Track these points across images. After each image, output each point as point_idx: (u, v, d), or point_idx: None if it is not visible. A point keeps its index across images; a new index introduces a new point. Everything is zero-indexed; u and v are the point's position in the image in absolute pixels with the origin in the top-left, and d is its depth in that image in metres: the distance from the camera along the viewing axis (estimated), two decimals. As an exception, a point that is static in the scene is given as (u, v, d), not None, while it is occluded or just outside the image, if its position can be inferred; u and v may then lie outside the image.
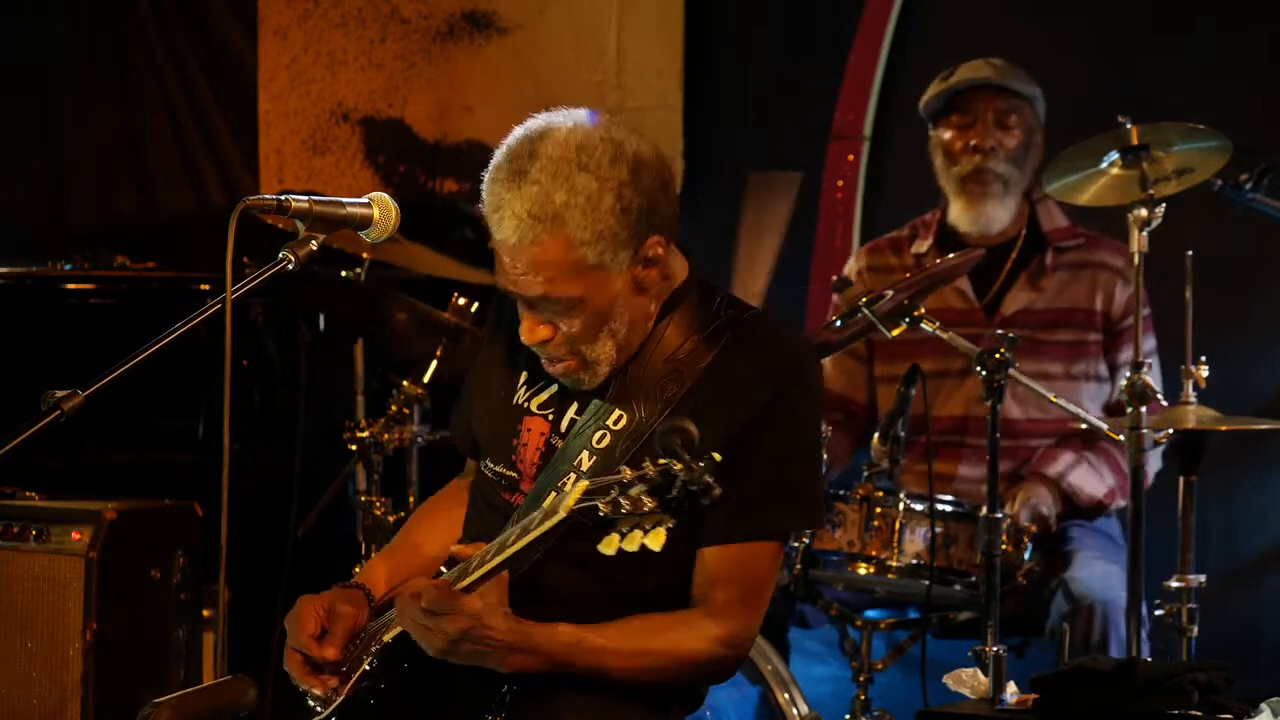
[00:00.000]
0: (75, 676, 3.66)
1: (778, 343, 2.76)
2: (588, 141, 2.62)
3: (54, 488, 3.88)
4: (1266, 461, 4.90)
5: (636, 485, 2.37)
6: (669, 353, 2.72)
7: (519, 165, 2.62)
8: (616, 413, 2.71)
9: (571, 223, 2.59)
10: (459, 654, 2.58)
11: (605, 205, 2.60)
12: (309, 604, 2.76)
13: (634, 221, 2.63)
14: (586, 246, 2.61)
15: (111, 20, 6.51)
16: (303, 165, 6.24)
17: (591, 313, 2.67)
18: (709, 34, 5.78)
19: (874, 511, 3.86)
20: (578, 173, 2.59)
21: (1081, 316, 4.37)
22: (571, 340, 2.69)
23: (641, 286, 2.70)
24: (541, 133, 2.64)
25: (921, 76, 4.59)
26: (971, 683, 3.41)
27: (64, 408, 2.38)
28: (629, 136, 2.66)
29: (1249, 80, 4.95)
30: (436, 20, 6.11)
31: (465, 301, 4.42)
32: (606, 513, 2.40)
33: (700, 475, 2.32)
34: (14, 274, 4.86)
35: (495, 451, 2.85)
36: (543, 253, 2.61)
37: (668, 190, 2.70)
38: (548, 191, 2.59)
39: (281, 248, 2.52)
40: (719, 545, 2.69)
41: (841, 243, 5.45)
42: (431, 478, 4.50)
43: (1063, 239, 4.43)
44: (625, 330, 2.71)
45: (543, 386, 2.82)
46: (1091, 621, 3.93)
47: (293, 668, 2.73)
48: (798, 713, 3.90)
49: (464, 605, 2.55)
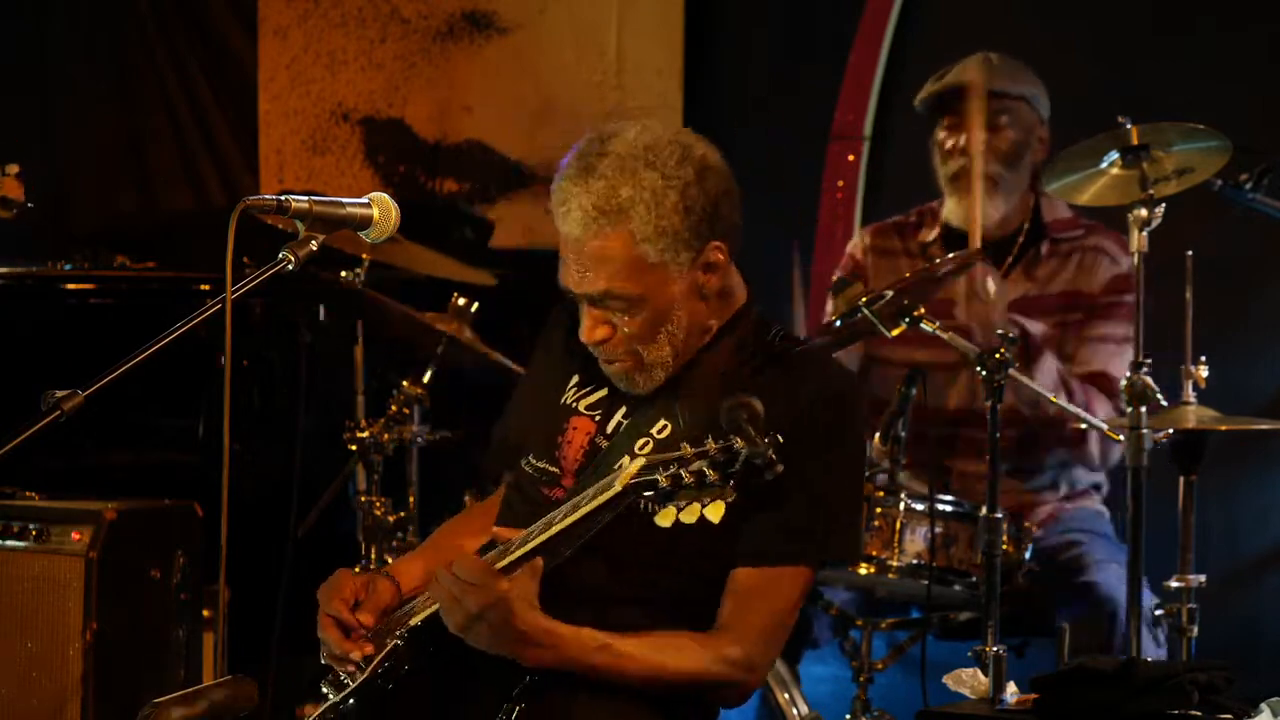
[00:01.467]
0: (75, 676, 3.66)
1: (827, 377, 2.80)
2: (656, 142, 2.68)
3: (54, 488, 3.88)
4: (1266, 461, 4.90)
5: (697, 461, 2.39)
6: (723, 371, 2.75)
7: (588, 162, 2.68)
8: (662, 421, 2.73)
9: (636, 218, 2.65)
10: (475, 633, 2.58)
11: (669, 203, 2.66)
12: (346, 575, 2.79)
13: (697, 222, 2.68)
14: (648, 243, 2.66)
15: (111, 20, 6.51)
16: (303, 165, 6.24)
17: (651, 311, 2.70)
18: (709, 34, 5.78)
19: (874, 511, 3.86)
20: (644, 170, 2.65)
21: (1066, 299, 4.35)
22: (629, 340, 2.73)
23: (701, 292, 2.75)
24: (613, 133, 2.71)
25: (921, 77, 4.59)
26: (971, 683, 3.41)
27: (64, 408, 2.38)
28: (698, 141, 2.73)
29: (1249, 80, 4.95)
30: (436, 20, 6.11)
31: (465, 301, 4.42)
32: (666, 486, 2.41)
33: (765, 450, 2.35)
34: (14, 274, 4.86)
35: (538, 447, 2.86)
36: (606, 247, 2.66)
37: (732, 198, 2.75)
38: (614, 186, 2.65)
39: (281, 248, 2.52)
40: (751, 567, 2.70)
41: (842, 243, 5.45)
42: (431, 478, 4.50)
43: (1062, 230, 4.43)
44: (683, 335, 2.75)
45: (593, 389, 2.85)
46: (1114, 624, 3.92)
47: (328, 633, 2.74)
48: (798, 713, 3.90)
49: (493, 582, 2.55)
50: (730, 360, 2.76)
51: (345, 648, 2.72)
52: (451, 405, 4.56)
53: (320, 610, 2.77)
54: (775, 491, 2.60)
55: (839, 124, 5.51)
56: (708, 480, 2.40)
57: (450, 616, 2.59)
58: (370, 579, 2.81)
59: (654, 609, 2.70)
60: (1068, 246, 4.41)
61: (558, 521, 2.57)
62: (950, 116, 4.41)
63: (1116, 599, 3.95)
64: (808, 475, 2.67)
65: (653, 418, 2.73)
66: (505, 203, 6.01)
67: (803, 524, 2.70)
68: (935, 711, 3.45)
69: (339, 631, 2.74)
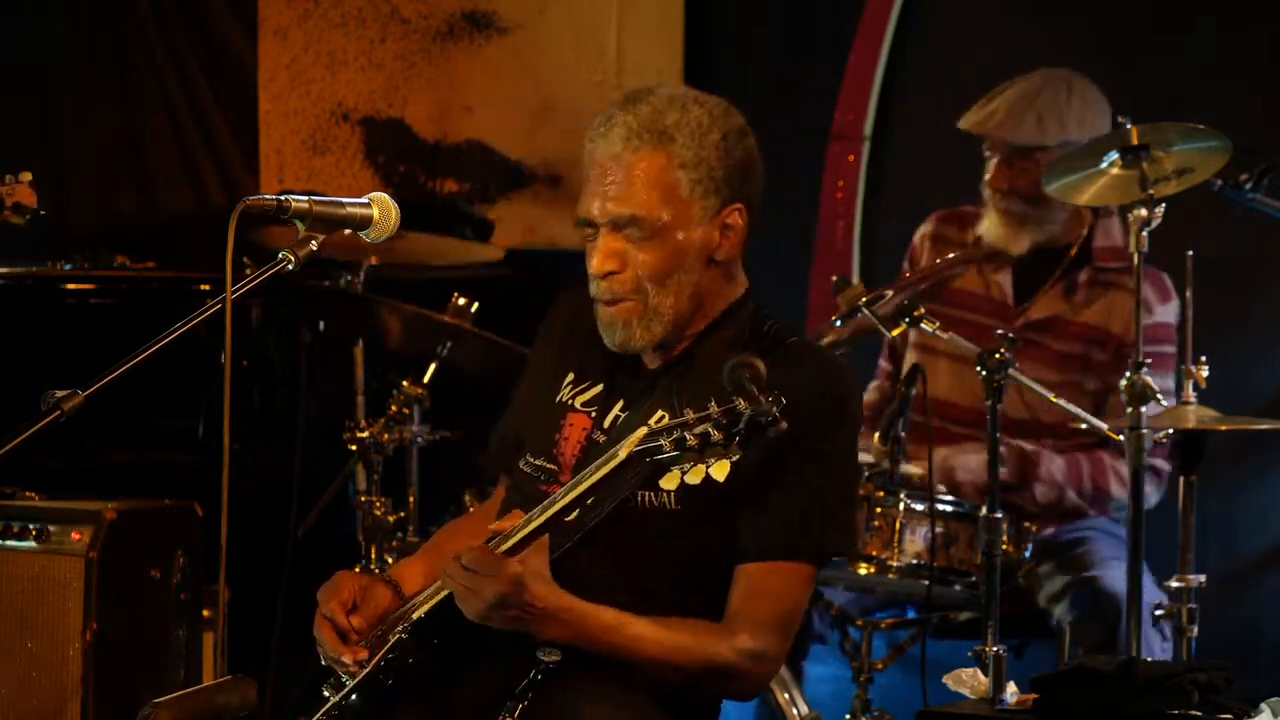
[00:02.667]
0: (75, 676, 3.66)
1: (823, 367, 2.81)
2: (702, 95, 2.78)
3: (54, 488, 3.88)
4: (1266, 461, 4.90)
5: (701, 424, 2.41)
6: (718, 361, 2.74)
7: (636, 94, 2.75)
8: (660, 412, 2.72)
9: (679, 140, 2.71)
10: (498, 619, 2.58)
11: (712, 139, 2.73)
12: (346, 577, 2.80)
13: (731, 170, 2.75)
14: (685, 170, 2.71)
15: (111, 20, 6.51)
16: (303, 165, 6.24)
17: (667, 248, 2.73)
18: (709, 34, 5.78)
19: (874, 511, 3.86)
20: (693, 104, 2.74)
21: (1094, 333, 4.29)
22: (638, 278, 2.74)
23: (713, 256, 2.77)
24: (658, 84, 2.83)
25: (921, 76, 4.60)
26: (971, 683, 3.41)
27: (64, 408, 2.38)
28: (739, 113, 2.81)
29: (1249, 80, 4.94)
30: (436, 20, 6.11)
31: (465, 301, 4.42)
32: (670, 451, 2.43)
33: (770, 408, 2.35)
34: (14, 274, 4.86)
35: (536, 445, 2.87)
36: (644, 164, 2.71)
37: (759, 172, 2.82)
38: (661, 111, 2.72)
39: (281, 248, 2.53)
40: (759, 562, 2.72)
41: (842, 243, 5.45)
42: (431, 478, 4.50)
43: (1107, 259, 4.35)
44: (688, 293, 2.76)
45: (589, 386, 2.85)
46: (1119, 619, 3.92)
47: (324, 635, 2.74)
48: (798, 713, 3.90)
49: (503, 568, 2.55)
50: (726, 351, 2.76)
51: (338, 651, 2.72)
52: (451, 405, 4.56)
53: (317, 610, 2.77)
54: (775, 487, 2.61)
55: (839, 124, 5.50)
56: (712, 440, 2.40)
57: (468, 606, 2.59)
58: (370, 583, 2.82)
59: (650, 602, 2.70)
60: (1109, 278, 4.34)
61: (557, 500, 2.58)
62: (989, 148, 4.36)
63: (1121, 594, 3.95)
64: (805, 471, 2.69)
65: (650, 409, 2.73)
66: (505, 203, 6.01)
67: (803, 520, 2.72)
68: (935, 711, 3.45)
69: (334, 634, 2.74)
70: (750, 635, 2.71)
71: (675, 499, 2.67)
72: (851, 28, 5.48)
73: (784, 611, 2.75)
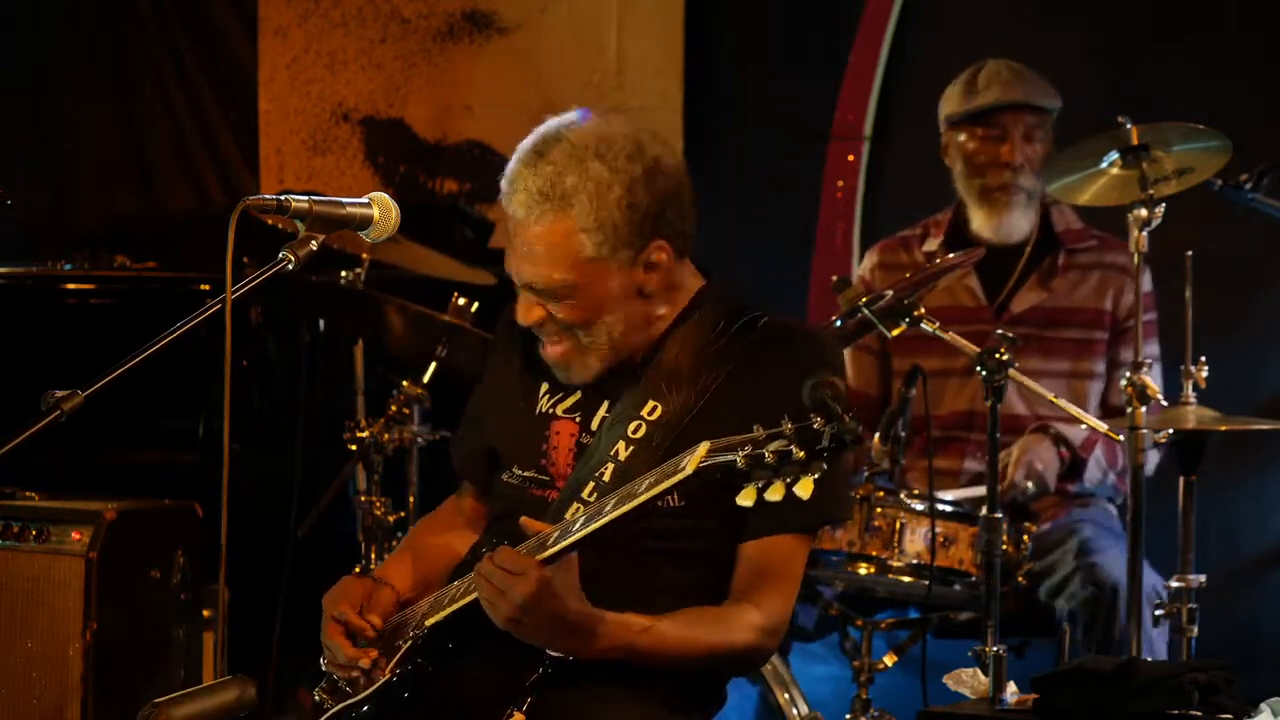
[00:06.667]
0: (75, 676, 3.66)
1: (806, 339, 2.81)
2: (611, 135, 2.69)
3: (54, 488, 3.88)
4: (1266, 461, 4.91)
5: (775, 441, 2.36)
6: (698, 346, 2.75)
7: (542, 147, 2.69)
8: (651, 403, 2.72)
9: (577, 206, 2.65)
10: (525, 627, 2.56)
11: (614, 196, 2.66)
12: (353, 581, 2.80)
13: (639, 220, 2.68)
14: (587, 234, 2.66)
15: (111, 20, 6.51)
16: (303, 165, 6.24)
17: (584, 304, 2.71)
18: (709, 34, 5.78)
19: (874, 511, 3.86)
20: (593, 160, 2.66)
21: (1090, 315, 4.38)
22: (563, 328, 2.73)
23: (642, 291, 2.74)
24: (571, 122, 2.72)
25: (921, 76, 4.60)
26: (971, 683, 3.42)
27: (64, 408, 2.38)
28: (655, 141, 2.73)
29: (1249, 80, 4.95)
30: (436, 20, 6.11)
31: (465, 301, 4.42)
32: (744, 467, 2.38)
33: (854, 426, 2.33)
34: (14, 274, 4.86)
35: (520, 458, 2.85)
36: (545, 232, 2.67)
37: (681, 202, 2.75)
38: (560, 172, 2.66)
39: (281, 248, 2.53)
40: (760, 539, 2.72)
41: (841, 242, 5.45)
42: (431, 478, 4.50)
43: (1075, 241, 4.44)
44: (621, 329, 2.74)
45: (566, 394, 2.84)
46: (1116, 604, 3.93)
47: (336, 640, 2.73)
48: (798, 713, 3.90)
49: (537, 573, 2.53)
50: (703, 334, 2.76)
51: (353, 654, 2.71)
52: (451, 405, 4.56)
53: (325, 616, 2.76)
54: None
55: (839, 124, 5.51)
56: (793, 458, 2.38)
57: (496, 610, 2.57)
58: (375, 586, 2.81)
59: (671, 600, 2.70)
60: (1085, 259, 4.42)
61: (609, 510, 2.52)
62: (985, 129, 4.39)
63: (1118, 579, 3.96)
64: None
65: (639, 401, 2.73)
66: (505, 203, 6.01)
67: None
68: (935, 711, 3.45)
69: (345, 637, 2.73)
70: (762, 612, 2.72)
71: (679, 494, 2.66)
72: (851, 27, 5.49)
73: (787, 585, 2.76)
